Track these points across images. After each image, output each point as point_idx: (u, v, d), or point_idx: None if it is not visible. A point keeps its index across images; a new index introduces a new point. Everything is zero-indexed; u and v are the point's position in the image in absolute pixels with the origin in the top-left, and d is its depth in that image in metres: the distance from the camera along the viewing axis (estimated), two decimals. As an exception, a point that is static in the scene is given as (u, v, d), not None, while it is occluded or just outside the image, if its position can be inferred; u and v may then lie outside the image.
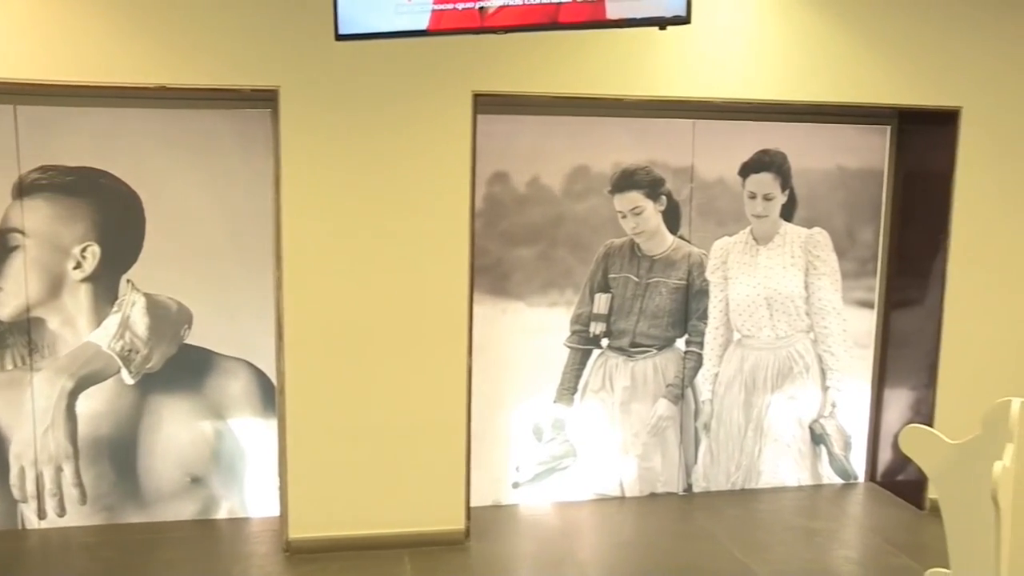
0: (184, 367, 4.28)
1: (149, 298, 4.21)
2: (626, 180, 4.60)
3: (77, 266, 4.13)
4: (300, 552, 4.08)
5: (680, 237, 4.71)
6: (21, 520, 4.24)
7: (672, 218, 4.68)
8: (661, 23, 2.98)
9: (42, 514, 4.25)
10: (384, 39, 3.26)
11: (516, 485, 4.71)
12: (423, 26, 3.18)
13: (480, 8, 3.11)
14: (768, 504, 4.80)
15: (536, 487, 4.73)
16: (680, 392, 4.82)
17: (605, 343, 4.71)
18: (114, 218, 4.14)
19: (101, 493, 4.28)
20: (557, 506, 4.71)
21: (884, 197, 4.94)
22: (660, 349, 4.76)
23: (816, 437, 5.04)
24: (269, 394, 4.34)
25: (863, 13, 4.29)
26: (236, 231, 4.25)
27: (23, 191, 4.05)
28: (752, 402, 4.91)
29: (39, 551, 4.08)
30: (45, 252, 4.10)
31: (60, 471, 4.22)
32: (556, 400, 4.70)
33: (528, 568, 4.11)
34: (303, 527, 4.09)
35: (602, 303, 4.67)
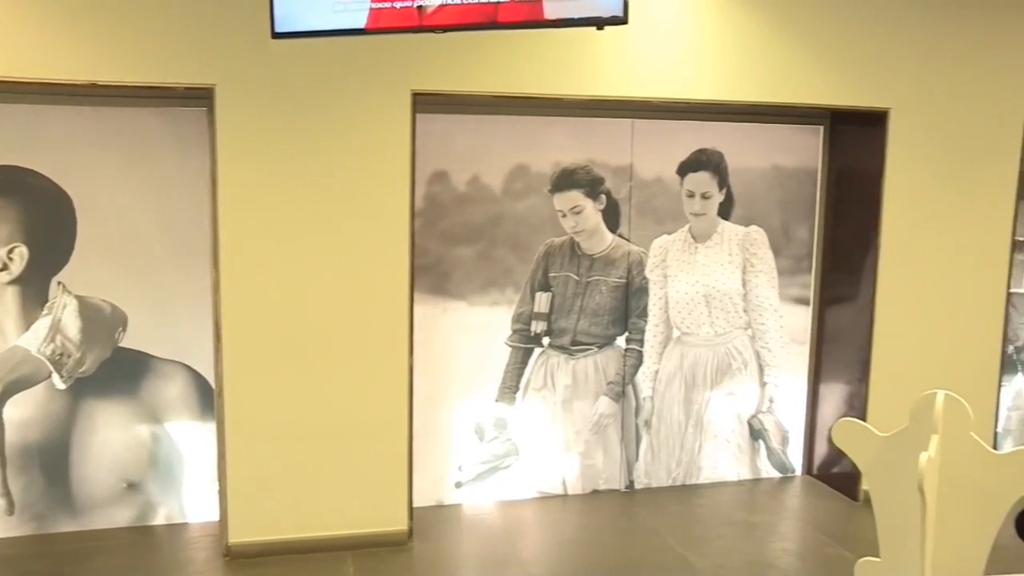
0: (119, 371, 4.18)
1: (81, 300, 4.11)
2: (566, 179, 4.62)
3: (3, 268, 4.02)
4: (240, 557, 4.02)
5: (620, 236, 4.75)
6: (-53, 531, 4.11)
7: (611, 217, 4.72)
8: (598, 23, 3.01)
9: (-31, 525, 4.13)
10: (322, 37, 3.23)
11: (459, 485, 4.71)
12: (361, 25, 3.16)
13: (418, 7, 3.10)
14: (708, 499, 4.87)
15: (479, 486, 4.73)
16: (621, 390, 4.86)
17: (546, 342, 4.73)
18: (43, 218, 4.03)
19: (30, 502, 4.16)
20: (500, 505, 4.72)
21: (818, 195, 5.04)
22: (601, 347, 4.80)
23: (754, 432, 5.12)
24: (207, 397, 4.26)
25: (798, 16, 4.37)
26: (172, 231, 4.17)
27: (-54, 191, 3.92)
28: (692, 399, 4.98)
29: (-34, 563, 3.96)
30: (-30, 254, 3.98)
31: (-13, 480, 4.11)
32: (498, 399, 4.71)
33: (471, 568, 4.11)
34: (243, 531, 4.03)
35: (543, 302, 4.69)
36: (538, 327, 4.71)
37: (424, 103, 4.10)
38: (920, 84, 4.59)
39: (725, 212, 4.90)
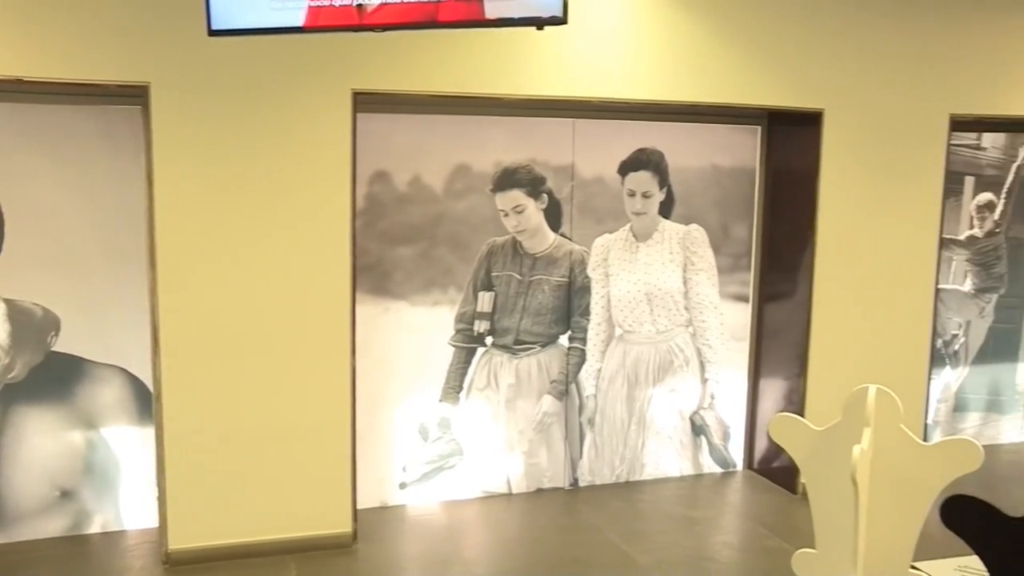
0: (51, 376, 4.08)
1: (10, 304, 4.00)
2: (507, 179, 4.63)
3: (-71, 271, 3.89)
4: (180, 563, 3.95)
5: (562, 235, 4.77)
6: None
7: (553, 216, 4.74)
8: (538, 23, 3.01)
9: None
10: (259, 35, 3.19)
11: (403, 485, 4.68)
12: (299, 23, 3.12)
13: (358, 6, 3.08)
14: (651, 495, 4.91)
15: (423, 487, 4.72)
16: (564, 388, 4.88)
17: (489, 341, 4.73)
18: (-31, 220, 3.92)
19: (-40, 512, 4.04)
20: (444, 505, 4.71)
21: (756, 194, 5.12)
22: (544, 346, 4.81)
23: (696, 428, 5.18)
24: (145, 401, 4.18)
25: (735, 19, 4.44)
26: (106, 232, 4.07)
27: None
28: (634, 396, 5.02)
29: None
30: None
31: (-87, 490, 3.97)
32: (441, 399, 4.70)
33: (416, 569, 4.09)
34: (183, 537, 3.96)
35: (486, 301, 4.69)
36: (481, 327, 4.71)
37: (364, 102, 4.07)
38: (851, 85, 4.69)
39: (665, 211, 4.95)
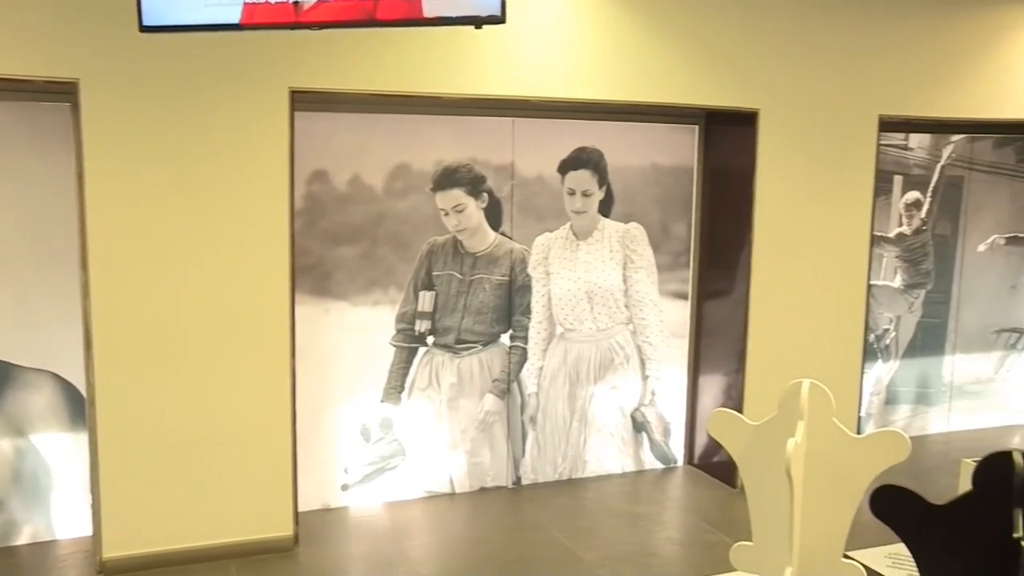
0: (-22, 382, 3.96)
1: (-65, 308, 3.87)
2: (448, 178, 4.62)
3: None
4: (116, 572, 3.86)
5: (502, 234, 4.78)
6: None
7: (494, 215, 4.74)
8: (476, 22, 3.02)
9: None
10: (193, 32, 3.14)
11: (345, 487, 4.65)
12: (235, 20, 3.08)
13: (295, 3, 3.05)
14: (594, 492, 4.95)
15: (366, 488, 4.68)
16: (506, 387, 4.89)
17: (431, 341, 4.72)
18: None
19: None
20: (388, 506, 4.68)
21: (695, 193, 5.19)
22: (485, 345, 4.82)
23: (638, 425, 5.23)
24: (78, 406, 4.08)
25: (673, 20, 4.49)
26: (35, 233, 3.96)
27: None
28: (576, 394, 5.05)
29: None
30: None
31: None
32: (383, 399, 4.67)
33: (360, 571, 4.06)
34: (118, 545, 3.87)
35: (426, 301, 4.68)
36: (422, 326, 4.69)
37: (303, 101, 4.03)
38: (786, 87, 4.78)
39: (605, 209, 4.99)
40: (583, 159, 4.90)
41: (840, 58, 4.89)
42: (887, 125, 5.17)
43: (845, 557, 1.67)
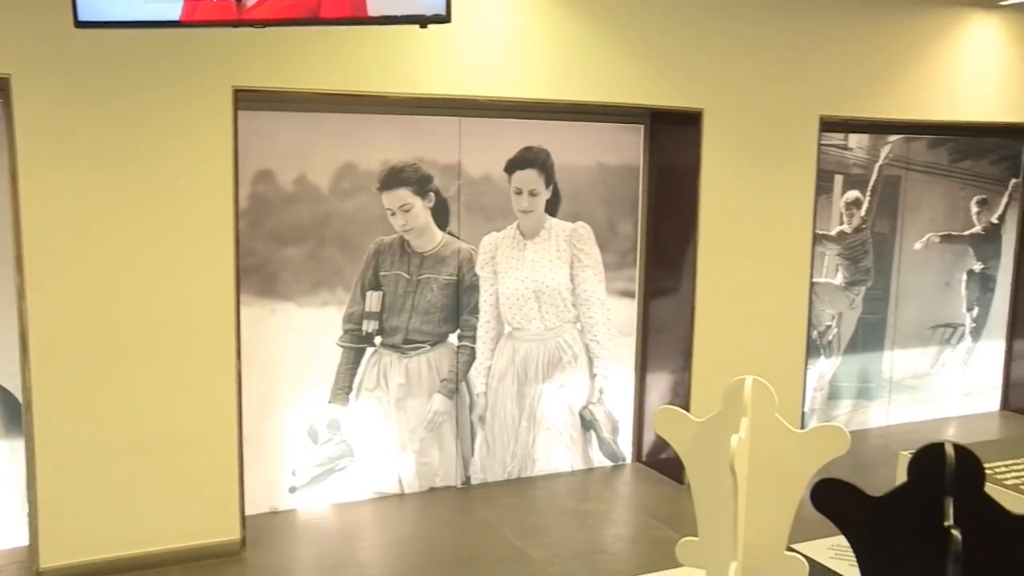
0: (-92, 388, 3.84)
1: None
2: (394, 177, 4.60)
3: None
4: (54, 580, 3.78)
5: (449, 233, 4.77)
6: None
7: (441, 215, 4.73)
8: (421, 21, 3.00)
9: None
10: (132, 28, 3.08)
11: (293, 490, 4.60)
12: (175, 16, 3.02)
13: (237, 0, 3.00)
14: (543, 490, 4.97)
15: (314, 490, 4.64)
16: (455, 386, 4.88)
17: (378, 341, 4.69)
18: None
19: None
20: (336, 508, 4.65)
21: (640, 192, 5.23)
22: (433, 345, 4.80)
23: (586, 423, 5.26)
24: (13, 411, 3.97)
25: (618, 20, 4.52)
26: (-33, 235, 3.86)
27: None
28: (525, 393, 5.06)
29: None
30: None
31: None
32: (331, 400, 4.63)
33: (308, 573, 4.03)
34: (57, 555, 3.78)
35: (374, 301, 4.65)
36: (370, 326, 4.66)
37: (247, 100, 3.98)
38: (729, 87, 4.85)
39: (552, 209, 5.01)
40: (530, 158, 4.92)
41: (782, 60, 4.97)
42: (827, 125, 5.27)
43: (789, 550, 1.70)
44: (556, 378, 5.13)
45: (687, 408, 4.63)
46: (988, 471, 1.54)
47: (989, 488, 1.13)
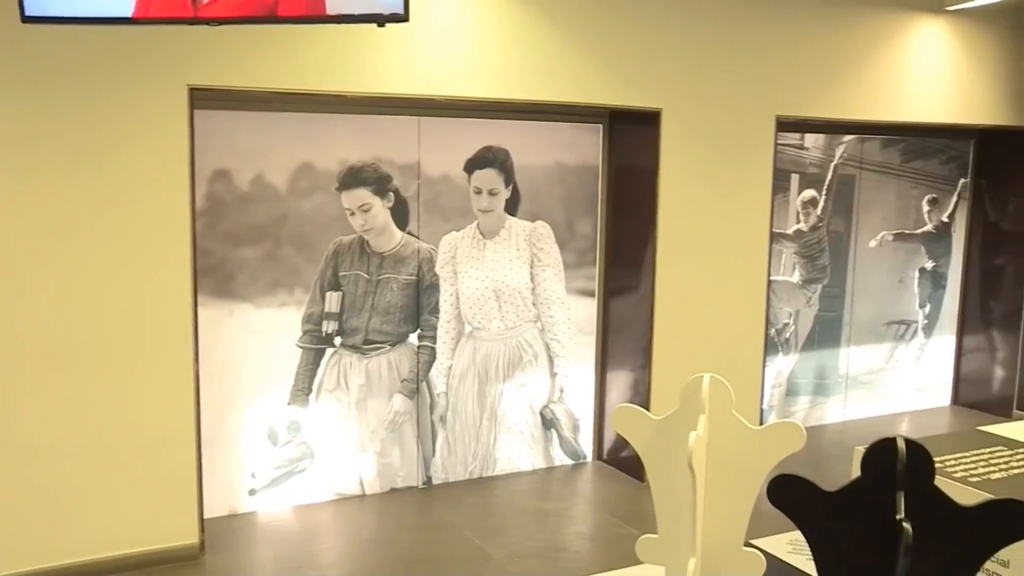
0: None
1: None
2: (353, 177, 4.58)
3: None
4: (4, 589, 3.71)
5: (409, 233, 4.76)
6: None
7: (400, 214, 4.72)
8: (379, 20, 2.99)
9: None
10: (82, 25, 3.02)
11: (252, 492, 4.56)
12: (127, 13, 2.97)
13: (192, -3, 2.96)
14: (504, 490, 4.97)
15: (274, 492, 4.60)
16: (415, 387, 4.87)
17: (338, 342, 4.67)
18: None
19: None
20: (296, 510, 4.61)
21: (600, 191, 5.26)
22: (394, 345, 4.79)
23: (547, 422, 5.28)
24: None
25: (577, 20, 4.54)
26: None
27: None
28: (485, 392, 5.06)
29: None
30: None
31: None
32: (290, 402, 4.59)
33: (266, 577, 4.00)
34: (6, 563, 3.70)
35: (333, 301, 4.62)
36: (329, 327, 4.63)
37: (202, 98, 3.94)
38: (687, 86, 4.89)
39: (512, 208, 5.02)
40: (489, 158, 4.92)
41: (739, 60, 5.02)
42: (784, 125, 5.34)
43: (747, 545, 1.72)
44: (517, 377, 5.14)
45: (647, 406, 4.67)
46: (938, 464, 1.57)
47: (939, 481, 1.16)
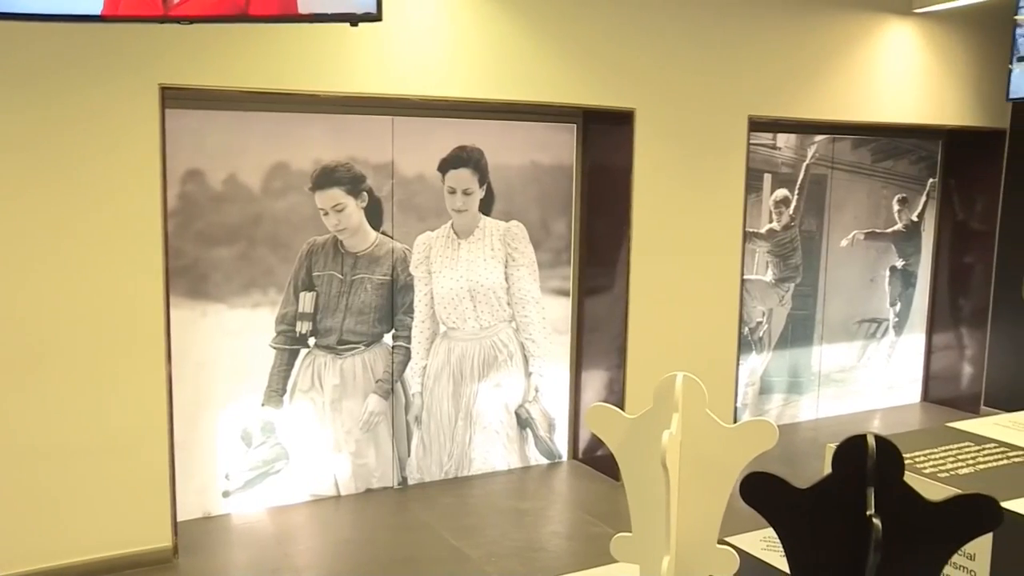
0: None
1: None
2: (327, 177, 4.56)
3: None
4: (-28, 595, 3.66)
5: (383, 233, 4.74)
6: None
7: (374, 214, 4.70)
8: (352, 19, 2.97)
9: None
10: (50, 22, 2.98)
11: (226, 494, 4.53)
12: (96, 11, 2.93)
13: (162, -5, 2.93)
14: (480, 489, 4.97)
15: (248, 494, 4.58)
16: (390, 387, 4.86)
17: (312, 342, 4.65)
18: None
19: None
20: (271, 511, 4.59)
21: (574, 191, 5.27)
22: (368, 345, 4.77)
23: (522, 422, 5.28)
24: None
25: (551, 20, 4.55)
26: None
27: None
28: (460, 392, 5.06)
29: None
30: None
31: None
32: (264, 403, 4.57)
33: (240, 579, 3.97)
34: (-23, 566, 3.67)
35: (307, 302, 4.60)
36: (303, 327, 4.61)
37: (174, 98, 3.91)
38: (660, 87, 4.91)
39: (486, 208, 5.02)
40: (463, 158, 4.91)
41: (712, 61, 5.05)
42: (756, 125, 5.38)
43: (721, 543, 1.73)
44: (492, 377, 5.14)
45: (622, 405, 4.68)
46: (908, 460, 1.59)
47: (909, 477, 1.17)
